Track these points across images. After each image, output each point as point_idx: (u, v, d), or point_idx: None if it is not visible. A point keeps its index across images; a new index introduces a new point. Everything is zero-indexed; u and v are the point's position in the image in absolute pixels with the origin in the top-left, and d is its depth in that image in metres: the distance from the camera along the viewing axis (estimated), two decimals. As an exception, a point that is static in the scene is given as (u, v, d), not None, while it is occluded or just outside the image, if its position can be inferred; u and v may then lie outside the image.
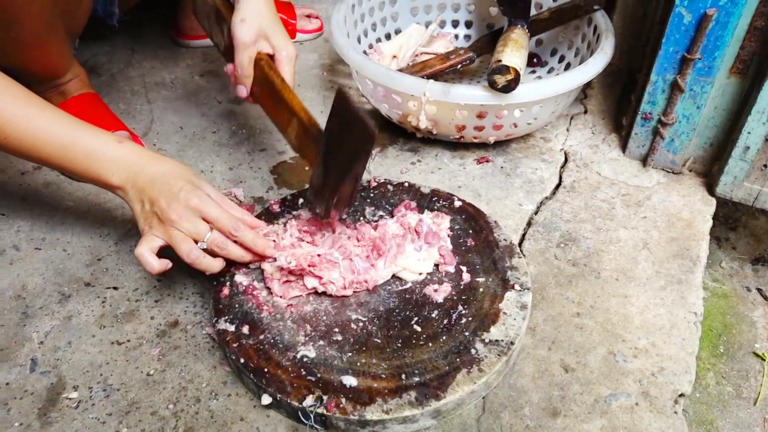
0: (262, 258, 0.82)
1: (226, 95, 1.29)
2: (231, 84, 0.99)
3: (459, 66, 1.17)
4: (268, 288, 0.82)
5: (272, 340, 0.76)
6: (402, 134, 1.17)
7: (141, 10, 1.44)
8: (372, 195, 0.97)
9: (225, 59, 1.00)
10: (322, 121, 0.75)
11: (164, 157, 0.82)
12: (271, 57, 0.93)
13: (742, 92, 0.97)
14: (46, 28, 0.93)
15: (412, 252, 0.85)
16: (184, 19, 1.40)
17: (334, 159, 0.77)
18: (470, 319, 0.79)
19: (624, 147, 1.13)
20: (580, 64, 1.06)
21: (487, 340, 0.76)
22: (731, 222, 1.15)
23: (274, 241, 0.83)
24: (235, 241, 0.80)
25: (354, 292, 0.82)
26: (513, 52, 0.99)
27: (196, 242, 0.77)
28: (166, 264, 0.78)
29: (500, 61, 0.96)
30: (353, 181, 0.79)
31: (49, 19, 0.92)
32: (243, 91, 0.95)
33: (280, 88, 0.89)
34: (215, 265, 0.79)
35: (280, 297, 0.81)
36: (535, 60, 1.31)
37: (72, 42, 1.08)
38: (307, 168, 1.09)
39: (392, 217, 0.92)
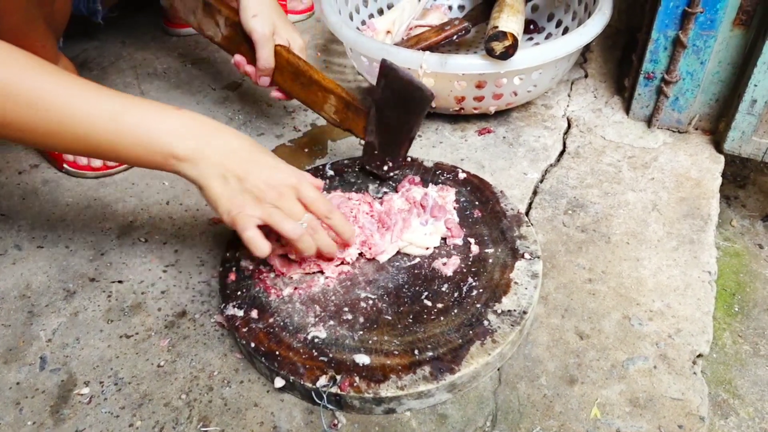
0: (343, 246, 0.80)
1: (220, 82, 1.27)
2: (239, 73, 1.00)
3: (455, 37, 1.14)
4: (272, 265, 0.81)
5: (282, 323, 0.75)
6: (401, 110, 1.15)
7: (129, 2, 1.42)
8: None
9: (226, 50, 1.01)
10: None
11: (228, 127, 0.72)
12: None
13: (747, 44, 0.95)
14: (25, 21, 0.91)
15: (418, 227, 0.84)
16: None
17: (387, 127, 0.86)
18: (481, 290, 0.78)
19: (627, 109, 1.11)
20: (578, 27, 1.04)
21: (499, 311, 0.75)
22: (740, 180, 1.13)
23: None
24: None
25: (358, 257, 0.81)
26: (509, 18, 0.97)
27: None
28: (270, 247, 0.73)
29: (497, 27, 0.94)
30: (408, 142, 0.88)
31: (27, 12, 0.90)
32: (266, 81, 0.96)
33: (307, 71, 0.93)
34: (313, 247, 0.74)
35: (282, 273, 0.80)
36: (531, 26, 1.28)
37: (56, 37, 1.06)
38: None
39: (397, 192, 0.91)
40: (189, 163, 0.68)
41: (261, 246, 0.71)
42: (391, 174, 0.93)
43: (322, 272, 0.81)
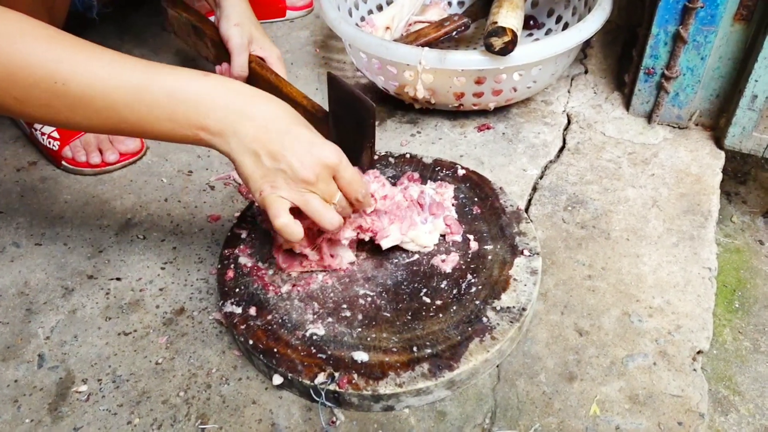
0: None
1: (219, 78, 1.27)
2: None
3: (454, 33, 1.14)
4: (274, 257, 0.81)
5: (280, 320, 0.75)
6: (400, 106, 1.15)
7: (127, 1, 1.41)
8: (376, 167, 0.95)
9: (213, 63, 1.05)
10: (318, 99, 0.75)
11: (263, 92, 0.66)
12: (260, 58, 0.99)
13: (747, 39, 0.95)
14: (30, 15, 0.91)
15: (418, 225, 0.83)
16: (172, 4, 1.38)
17: (346, 136, 0.80)
18: (480, 287, 0.77)
19: (628, 105, 1.10)
20: (578, 23, 1.04)
21: (498, 308, 0.75)
22: (741, 176, 1.13)
23: None
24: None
25: (356, 237, 0.80)
26: (509, 13, 0.96)
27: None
28: (302, 232, 0.69)
29: (496, 23, 0.94)
30: (369, 150, 0.79)
31: (32, 8, 0.90)
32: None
33: (276, 83, 0.94)
34: (341, 227, 0.71)
35: (283, 269, 0.80)
36: (531, 22, 1.28)
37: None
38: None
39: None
40: (220, 137, 0.63)
41: (295, 233, 0.67)
42: None
43: (324, 270, 0.80)
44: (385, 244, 0.80)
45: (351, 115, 0.77)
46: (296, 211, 0.68)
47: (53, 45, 0.59)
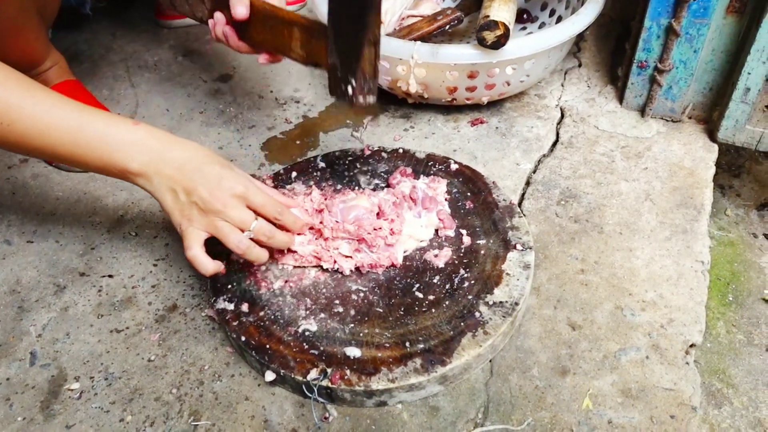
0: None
1: (212, 74, 1.26)
2: (213, 42, 0.92)
3: (447, 27, 1.13)
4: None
5: (273, 316, 0.75)
6: (393, 101, 1.15)
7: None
8: (368, 163, 0.95)
9: (207, 21, 0.94)
10: (311, 93, 0.72)
11: (182, 139, 0.74)
12: None
13: (740, 32, 0.94)
14: (21, 13, 0.90)
15: (412, 219, 0.83)
16: (164, -2, 1.37)
17: (347, 33, 0.75)
18: (473, 282, 0.77)
19: (621, 98, 1.10)
20: (571, 16, 1.03)
21: (491, 303, 0.75)
22: (735, 169, 1.13)
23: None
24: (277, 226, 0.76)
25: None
26: (501, 7, 0.96)
27: (242, 231, 0.72)
28: (219, 266, 0.73)
29: (488, 16, 0.93)
30: (372, 46, 0.75)
31: (23, 4, 0.90)
32: (242, 45, 0.88)
33: (272, 11, 0.85)
34: (264, 256, 0.75)
35: (273, 260, 0.80)
36: (525, 16, 1.27)
37: (46, 29, 1.05)
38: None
39: (388, 185, 0.90)
40: (143, 178, 0.71)
41: (204, 265, 0.72)
42: (360, 100, 0.79)
43: (318, 266, 0.80)
44: (399, 261, 0.81)
45: (353, 3, 0.72)
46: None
47: (5, 88, 0.68)
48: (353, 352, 0.70)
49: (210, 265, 0.72)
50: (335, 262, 0.79)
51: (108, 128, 0.70)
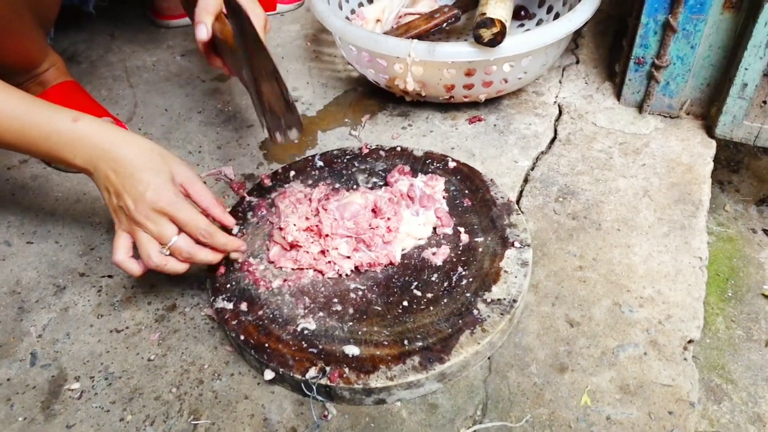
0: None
1: (210, 74, 1.26)
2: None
3: (444, 25, 1.14)
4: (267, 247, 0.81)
5: (271, 315, 0.75)
6: (391, 99, 1.15)
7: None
8: (366, 161, 0.95)
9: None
10: (309, 92, 0.71)
11: (130, 135, 0.74)
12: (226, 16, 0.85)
13: (737, 27, 0.94)
14: (15, 15, 0.90)
15: (410, 218, 0.83)
16: (161, -1, 1.37)
17: (246, 66, 0.74)
18: (471, 279, 0.77)
19: (619, 95, 1.10)
20: (568, 13, 1.03)
21: (489, 300, 0.75)
22: (733, 164, 1.13)
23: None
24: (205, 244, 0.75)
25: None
26: (497, 4, 0.96)
27: (163, 245, 0.72)
28: (140, 268, 0.74)
29: (485, 14, 0.93)
30: (271, 80, 0.74)
31: (16, 6, 0.90)
32: (203, 31, 0.82)
33: (223, 40, 0.82)
34: (180, 268, 0.74)
35: (272, 262, 0.80)
36: (522, 12, 1.27)
37: (47, 30, 1.05)
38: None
39: (386, 183, 0.90)
40: (87, 173, 0.73)
41: (131, 270, 0.74)
42: (277, 138, 0.80)
43: (317, 271, 0.81)
44: (397, 259, 0.81)
45: (240, 37, 0.71)
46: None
47: None
48: (352, 350, 0.70)
49: (136, 268, 0.74)
50: (335, 265, 0.79)
51: (50, 126, 0.72)
